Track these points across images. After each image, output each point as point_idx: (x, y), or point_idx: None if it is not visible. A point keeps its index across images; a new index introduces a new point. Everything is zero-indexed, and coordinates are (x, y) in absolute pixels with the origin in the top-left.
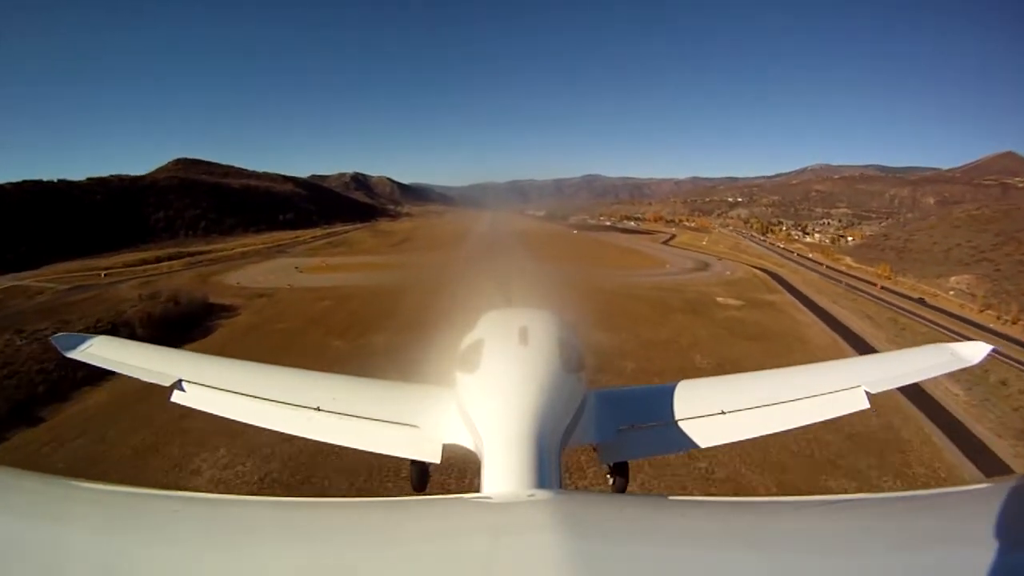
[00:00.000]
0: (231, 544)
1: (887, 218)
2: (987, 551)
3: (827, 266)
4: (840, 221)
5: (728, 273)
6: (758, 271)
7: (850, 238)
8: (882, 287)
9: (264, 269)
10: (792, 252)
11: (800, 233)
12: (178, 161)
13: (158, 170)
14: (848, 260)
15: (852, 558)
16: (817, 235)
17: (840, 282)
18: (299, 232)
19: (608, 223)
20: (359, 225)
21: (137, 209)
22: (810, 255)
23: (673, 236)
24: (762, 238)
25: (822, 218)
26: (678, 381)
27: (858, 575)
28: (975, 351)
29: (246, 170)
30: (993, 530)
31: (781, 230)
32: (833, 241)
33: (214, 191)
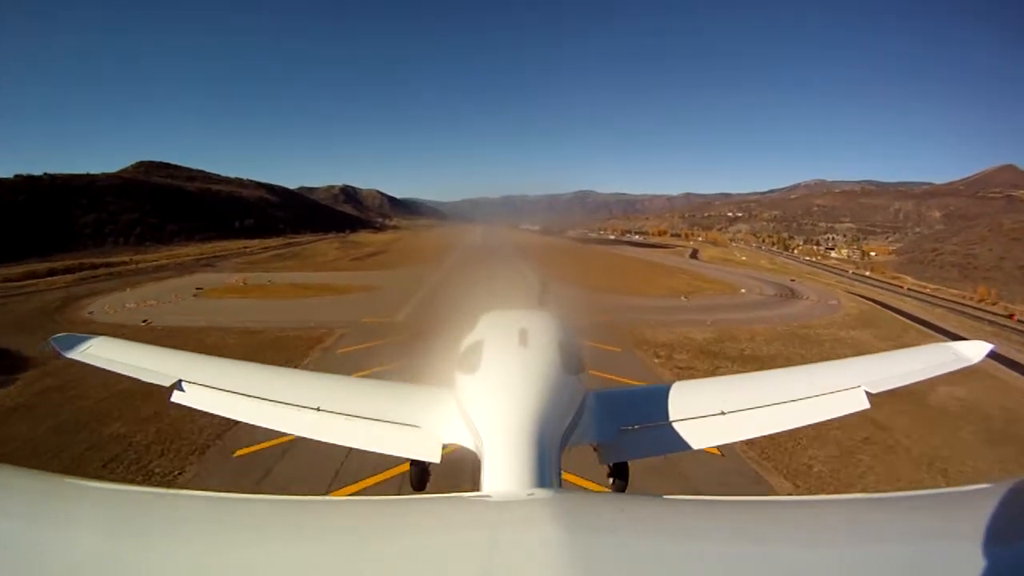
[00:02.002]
0: (231, 542)
1: (893, 232)
2: (987, 552)
3: (908, 288)
4: (845, 236)
5: (833, 303)
6: (860, 299)
7: (872, 252)
8: (1018, 319)
9: (158, 290)
10: (846, 270)
11: (822, 248)
12: (140, 164)
13: (107, 173)
14: (908, 279)
15: (852, 558)
16: (844, 250)
17: (975, 316)
18: (253, 241)
19: (612, 236)
20: (331, 235)
21: (65, 212)
22: (867, 273)
23: (696, 250)
24: (789, 253)
25: (826, 232)
26: (679, 381)
27: (858, 575)
28: (976, 350)
29: (217, 175)
30: (993, 531)
31: (800, 245)
32: (862, 256)
33: (162, 194)
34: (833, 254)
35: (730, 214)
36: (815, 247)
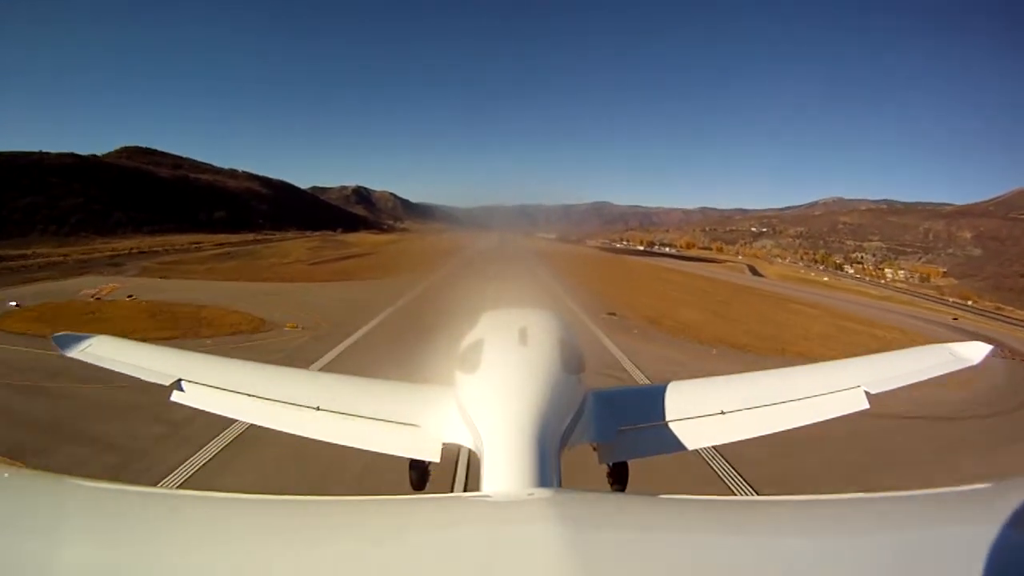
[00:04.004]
0: (231, 542)
1: (925, 252)
2: (987, 551)
3: None
4: (874, 255)
5: None
6: None
7: (922, 274)
8: None
9: None
10: (945, 298)
11: (870, 267)
12: (124, 149)
13: (60, 152)
14: (1013, 311)
15: (852, 557)
16: (901, 271)
17: None
18: (216, 236)
19: (641, 247)
20: (316, 233)
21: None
22: (969, 302)
23: (754, 267)
24: (845, 273)
25: (854, 251)
26: (678, 381)
27: (858, 575)
28: (975, 351)
29: (208, 164)
30: (993, 531)
31: (840, 263)
32: (921, 279)
33: (123, 178)
34: (888, 274)
35: (753, 229)
36: (859, 266)
